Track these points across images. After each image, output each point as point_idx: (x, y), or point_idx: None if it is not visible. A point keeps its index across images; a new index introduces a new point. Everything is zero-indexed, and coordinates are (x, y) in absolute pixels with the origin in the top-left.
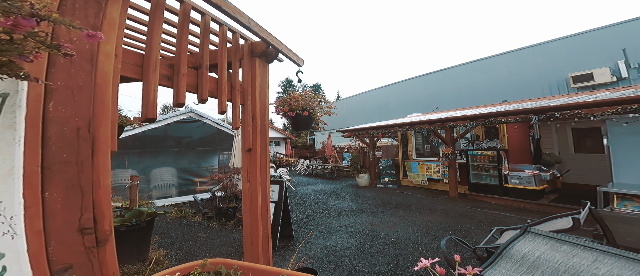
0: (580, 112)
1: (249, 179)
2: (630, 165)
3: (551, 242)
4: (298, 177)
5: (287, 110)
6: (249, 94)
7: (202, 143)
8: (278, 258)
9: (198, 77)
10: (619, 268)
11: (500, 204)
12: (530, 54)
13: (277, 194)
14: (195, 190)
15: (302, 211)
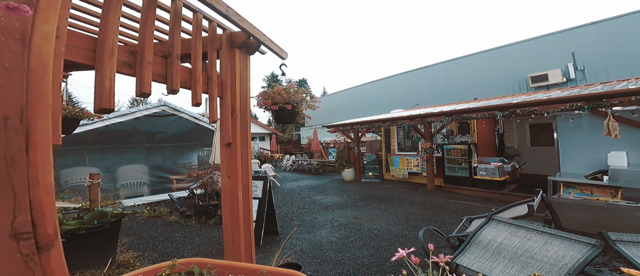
0: (536, 109)
1: (229, 175)
2: (574, 156)
3: (511, 228)
4: (284, 173)
5: (270, 103)
6: (228, 86)
7: (179, 138)
8: (263, 254)
9: (167, 66)
10: (563, 249)
11: (470, 194)
12: (498, 55)
13: (261, 190)
14: (171, 188)
15: (287, 207)
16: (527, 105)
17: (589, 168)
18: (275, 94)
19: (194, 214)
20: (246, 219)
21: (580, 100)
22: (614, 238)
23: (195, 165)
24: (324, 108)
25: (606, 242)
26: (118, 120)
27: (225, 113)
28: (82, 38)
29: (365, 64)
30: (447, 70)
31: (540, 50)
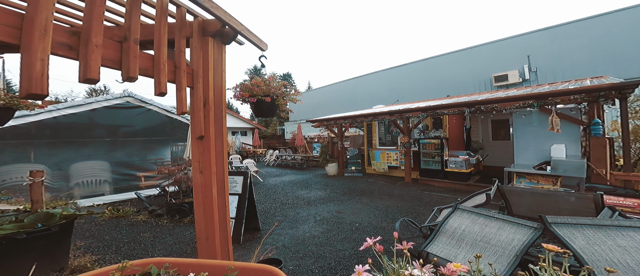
0: (496, 106)
1: (201, 170)
2: (525, 149)
3: (472, 216)
4: (267, 168)
5: (248, 95)
6: (200, 76)
7: (148, 132)
8: (243, 251)
9: (122, 51)
10: (513, 233)
11: (442, 186)
12: (467, 55)
13: (241, 186)
14: (139, 186)
15: (270, 202)
16: (489, 103)
17: (536, 159)
18: (254, 86)
19: (166, 213)
20: (222, 216)
21: (531, 98)
22: (550, 220)
23: (168, 161)
24: (309, 103)
25: (544, 225)
26: (70, 112)
27: (196, 105)
28: (6, 14)
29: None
30: (424, 68)
31: (503, 52)
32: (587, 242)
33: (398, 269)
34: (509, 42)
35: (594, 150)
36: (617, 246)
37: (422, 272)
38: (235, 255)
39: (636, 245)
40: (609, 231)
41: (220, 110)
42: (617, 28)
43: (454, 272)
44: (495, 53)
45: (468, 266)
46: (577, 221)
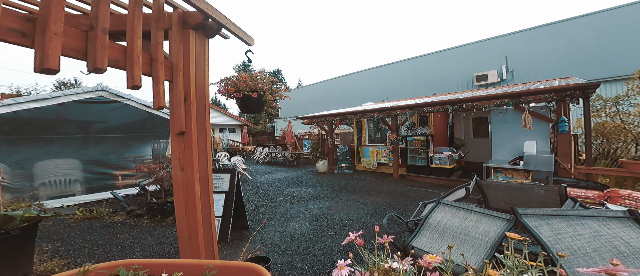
0: (476, 104)
1: (182, 167)
2: (502, 145)
3: (453, 210)
4: (256, 166)
5: (233, 90)
6: (180, 70)
7: (125, 129)
8: (230, 250)
9: (88, 41)
10: (489, 225)
11: (427, 182)
12: (451, 55)
13: (228, 184)
14: (115, 185)
15: (259, 200)
16: (470, 101)
17: (512, 155)
18: (240, 81)
19: (147, 213)
20: (206, 214)
21: (507, 97)
22: (521, 212)
23: (148, 159)
24: (300, 100)
25: (516, 217)
26: (33, 106)
27: (176, 99)
28: None
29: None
30: (412, 66)
31: (483, 53)
32: (552, 231)
33: (379, 262)
34: (489, 42)
35: (561, 145)
36: (577, 235)
37: (402, 265)
38: (222, 254)
39: (593, 233)
40: (571, 220)
41: (203, 105)
42: (582, 33)
43: (429, 263)
44: (477, 53)
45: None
46: (543, 212)
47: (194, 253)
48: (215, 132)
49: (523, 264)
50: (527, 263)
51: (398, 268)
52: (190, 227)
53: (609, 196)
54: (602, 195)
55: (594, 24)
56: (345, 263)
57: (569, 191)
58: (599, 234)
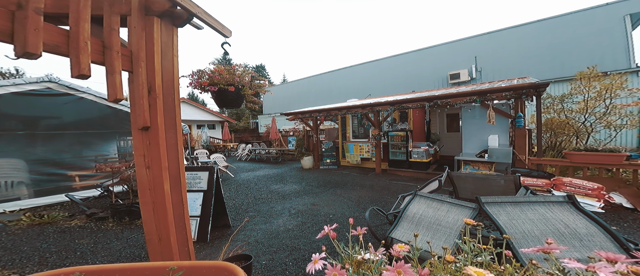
0: (449, 101)
1: (148, 164)
2: (471, 139)
3: (427, 201)
4: (239, 163)
5: (207, 83)
6: (141, 60)
7: (83, 125)
8: (211, 250)
9: (15, 21)
10: (458, 214)
11: (407, 176)
12: (428, 54)
13: (207, 182)
14: (71, 187)
15: (242, 198)
16: (443, 98)
17: (479, 148)
18: (215, 74)
19: (112, 215)
20: (179, 214)
21: (474, 94)
22: (483, 201)
23: (113, 158)
24: (284, 96)
25: (479, 205)
26: None
27: (138, 92)
28: None
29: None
30: (393, 64)
31: (457, 52)
32: (507, 217)
33: (352, 254)
34: (462, 43)
35: (518, 139)
36: (528, 219)
37: (375, 255)
38: (201, 254)
39: (540, 217)
40: (523, 206)
41: (172, 98)
42: (538, 36)
43: (399, 252)
44: (451, 53)
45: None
46: (501, 200)
47: (166, 255)
48: (192, 128)
49: (477, 248)
50: (481, 247)
51: (370, 258)
52: (160, 228)
53: (555, 183)
54: (549, 182)
55: (548, 29)
56: (320, 256)
57: (523, 180)
58: (545, 218)
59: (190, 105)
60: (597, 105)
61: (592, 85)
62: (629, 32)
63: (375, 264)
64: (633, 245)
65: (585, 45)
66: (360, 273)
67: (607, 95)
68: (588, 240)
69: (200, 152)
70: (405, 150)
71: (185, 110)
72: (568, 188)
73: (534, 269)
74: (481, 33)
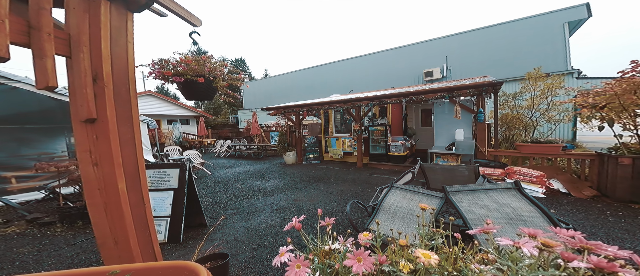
0: (423, 97)
1: (96, 161)
2: (441, 134)
3: (402, 192)
4: (217, 160)
5: (171, 74)
6: (83, 45)
7: (19, 119)
8: (185, 250)
9: None
10: (428, 203)
11: (386, 169)
12: (406, 52)
13: (177, 180)
14: (6, 190)
15: (220, 195)
16: (417, 94)
17: (448, 141)
18: (180, 64)
19: (61, 220)
20: (139, 214)
21: (444, 91)
22: (448, 190)
23: (62, 156)
24: (265, 90)
25: (446, 194)
26: None
27: (79, 79)
28: None
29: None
30: (374, 61)
31: (431, 51)
32: (468, 204)
33: (320, 245)
34: (435, 42)
35: (479, 132)
36: (484, 205)
37: (343, 245)
38: (173, 255)
39: (493, 202)
40: (480, 194)
41: (126, 89)
42: (495, 39)
43: (362, 240)
44: (426, 51)
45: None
46: (462, 189)
47: (125, 258)
48: (162, 123)
49: (432, 232)
50: (434, 230)
51: (337, 248)
52: (115, 231)
53: (508, 172)
54: (503, 172)
55: (503, 32)
56: (286, 249)
57: (482, 170)
58: (497, 203)
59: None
60: (541, 102)
61: (537, 85)
62: (567, 39)
63: (342, 253)
64: (564, 224)
65: (533, 48)
66: (325, 263)
67: (549, 94)
68: (531, 222)
69: (172, 148)
70: (385, 144)
71: (153, 104)
72: (518, 176)
73: (477, 249)
74: (450, 34)
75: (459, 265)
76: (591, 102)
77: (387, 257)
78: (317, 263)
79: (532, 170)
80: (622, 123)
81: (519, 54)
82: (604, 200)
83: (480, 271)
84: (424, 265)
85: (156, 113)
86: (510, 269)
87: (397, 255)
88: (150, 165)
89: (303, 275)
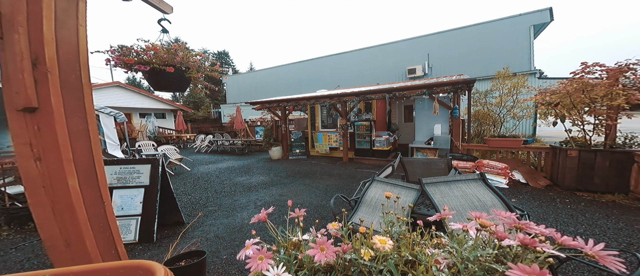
0: (405, 93)
1: (38, 156)
2: (422, 129)
3: (382, 185)
4: (197, 156)
5: (133, 62)
6: (18, 25)
7: None
8: (158, 249)
9: None
10: (406, 196)
11: (371, 163)
12: (391, 49)
13: (149, 176)
14: None
15: (200, 192)
16: (400, 90)
17: (427, 136)
18: (146, 52)
19: (7, 222)
20: (97, 213)
21: (424, 87)
22: (424, 182)
23: (7, 151)
24: (251, 84)
25: (421, 186)
26: None
27: (13, 63)
28: None
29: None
30: (360, 57)
31: (414, 49)
32: (441, 195)
33: (289, 236)
34: (418, 40)
35: (454, 128)
36: (454, 196)
37: (316, 236)
38: (146, 255)
39: (462, 193)
40: (451, 185)
41: (77, 76)
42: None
43: (331, 230)
44: (410, 49)
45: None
46: (436, 181)
47: (80, 261)
48: (133, 117)
49: (400, 220)
50: (397, 216)
51: (308, 239)
52: (67, 232)
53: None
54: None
55: (478, 33)
56: (252, 242)
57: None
58: (465, 193)
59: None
60: (507, 100)
61: (505, 83)
62: (532, 41)
63: (308, 243)
64: (519, 211)
65: (503, 49)
66: (291, 254)
67: (514, 92)
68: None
69: (145, 143)
70: (370, 139)
71: (122, 96)
72: (486, 168)
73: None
74: (431, 33)
75: (416, 250)
76: (548, 100)
77: (352, 246)
78: (282, 254)
79: (498, 163)
80: (572, 119)
81: (491, 53)
82: (555, 189)
83: (432, 254)
84: (380, 250)
85: (126, 106)
86: (456, 251)
87: (360, 243)
88: (116, 161)
89: (265, 267)
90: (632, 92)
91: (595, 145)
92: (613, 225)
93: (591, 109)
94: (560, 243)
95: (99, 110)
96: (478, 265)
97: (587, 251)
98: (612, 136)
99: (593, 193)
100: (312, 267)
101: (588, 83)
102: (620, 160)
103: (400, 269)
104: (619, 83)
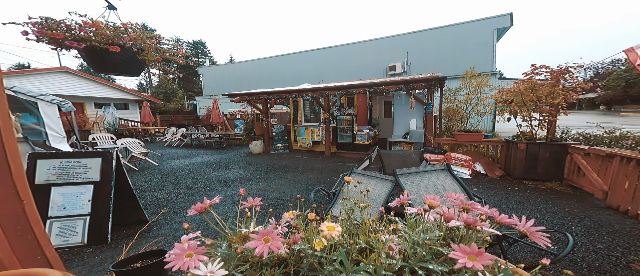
0: (384, 88)
1: None
2: (400, 123)
3: (361, 177)
4: (168, 150)
5: (62, 37)
6: None
7: None
8: (113, 251)
9: None
10: (382, 187)
11: (352, 157)
12: (373, 46)
13: (99, 172)
14: None
15: (169, 188)
16: (380, 85)
17: (404, 130)
18: (82, 27)
19: None
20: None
21: (402, 84)
22: (397, 172)
23: None
24: (230, 76)
25: (395, 177)
26: None
27: None
28: None
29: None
30: (343, 52)
31: (395, 46)
32: (412, 185)
33: (238, 229)
34: (398, 38)
35: (428, 123)
36: (423, 186)
37: (275, 227)
38: (97, 258)
39: (430, 183)
40: (421, 175)
41: None
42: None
43: (286, 218)
44: (391, 46)
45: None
46: (408, 171)
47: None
48: (86, 106)
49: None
50: (360, 205)
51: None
52: None
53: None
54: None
55: (452, 33)
56: (189, 237)
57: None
58: (433, 183)
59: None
60: (473, 98)
61: (471, 82)
62: (495, 44)
63: None
64: (478, 199)
65: (472, 49)
66: (233, 248)
67: (479, 90)
68: None
69: (101, 136)
70: (351, 133)
71: (70, 83)
72: (453, 161)
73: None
74: (410, 31)
75: (372, 237)
76: (504, 98)
77: (305, 236)
78: (224, 248)
79: (463, 156)
80: (522, 116)
81: (461, 53)
82: (508, 179)
83: (386, 240)
84: (327, 238)
85: (77, 95)
86: (408, 235)
87: (312, 233)
88: (54, 154)
89: (195, 264)
90: (570, 92)
91: (539, 138)
92: (550, 208)
93: (537, 107)
94: (498, 221)
95: (37, 97)
96: (426, 248)
97: (520, 228)
98: (552, 131)
99: (536, 182)
100: (257, 261)
101: (536, 83)
102: (558, 152)
103: (354, 257)
104: (560, 84)
